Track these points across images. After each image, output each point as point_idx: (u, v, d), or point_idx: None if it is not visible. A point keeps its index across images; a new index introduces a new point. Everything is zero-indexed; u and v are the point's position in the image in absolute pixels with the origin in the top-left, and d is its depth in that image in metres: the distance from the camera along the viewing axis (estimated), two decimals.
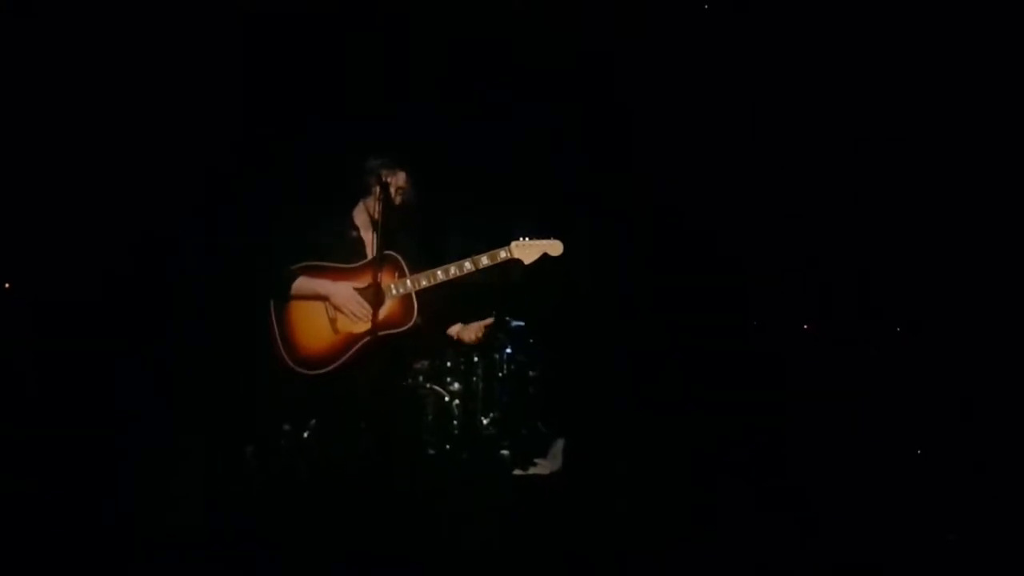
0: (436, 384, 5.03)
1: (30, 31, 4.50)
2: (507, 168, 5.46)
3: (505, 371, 5.31)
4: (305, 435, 4.50)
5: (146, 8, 4.63)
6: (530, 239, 3.10)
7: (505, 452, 5.07)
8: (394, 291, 3.02)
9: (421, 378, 4.79)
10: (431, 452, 4.88)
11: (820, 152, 5.26)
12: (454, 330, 3.32)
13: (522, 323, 5.44)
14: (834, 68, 5.06)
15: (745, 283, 5.46)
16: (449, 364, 5.15)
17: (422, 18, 4.99)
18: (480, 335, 3.26)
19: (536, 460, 5.02)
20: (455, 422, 5.02)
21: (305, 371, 2.97)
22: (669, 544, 3.73)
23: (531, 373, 5.38)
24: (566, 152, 5.48)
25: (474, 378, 5.22)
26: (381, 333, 2.92)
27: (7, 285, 4.59)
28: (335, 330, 2.97)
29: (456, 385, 5.14)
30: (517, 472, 4.91)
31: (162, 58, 4.76)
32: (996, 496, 4.04)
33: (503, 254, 3.08)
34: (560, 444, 5.07)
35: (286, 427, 4.62)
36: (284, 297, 2.99)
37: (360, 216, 3.17)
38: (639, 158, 5.42)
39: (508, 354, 5.31)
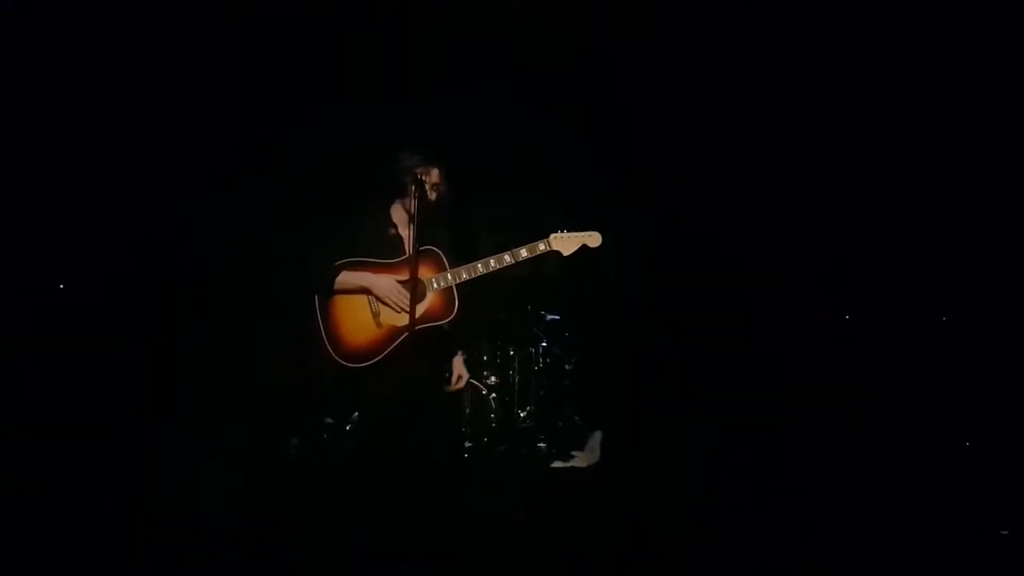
0: (473, 378, 5.06)
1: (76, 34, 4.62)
2: (536, 162, 5.50)
3: (541, 364, 5.34)
4: (347, 428, 4.59)
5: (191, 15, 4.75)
6: (569, 231, 3.09)
7: (542, 445, 5.11)
8: (435, 284, 3.04)
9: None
10: (469, 444, 4.93)
11: (825, 150, 5.26)
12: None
13: (557, 316, 5.47)
14: (836, 67, 5.04)
15: (779, 277, 5.43)
16: (486, 358, 5.20)
17: (424, 19, 5.05)
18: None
19: (574, 453, 5.05)
20: (492, 415, 5.06)
21: (350, 364, 2.97)
22: (703, 535, 3.75)
23: (567, 366, 5.41)
24: (593, 144, 5.51)
25: (511, 371, 5.26)
26: (423, 326, 2.93)
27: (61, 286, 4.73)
28: (378, 324, 2.99)
29: (493, 378, 5.19)
30: (556, 464, 4.94)
31: (194, 63, 4.89)
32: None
33: (542, 246, 3.08)
34: (598, 437, 5.08)
35: (328, 420, 4.72)
36: (328, 292, 3.01)
37: (397, 213, 3.18)
38: (672, 150, 5.41)
39: (544, 347, 5.35)
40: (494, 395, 5.12)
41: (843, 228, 5.29)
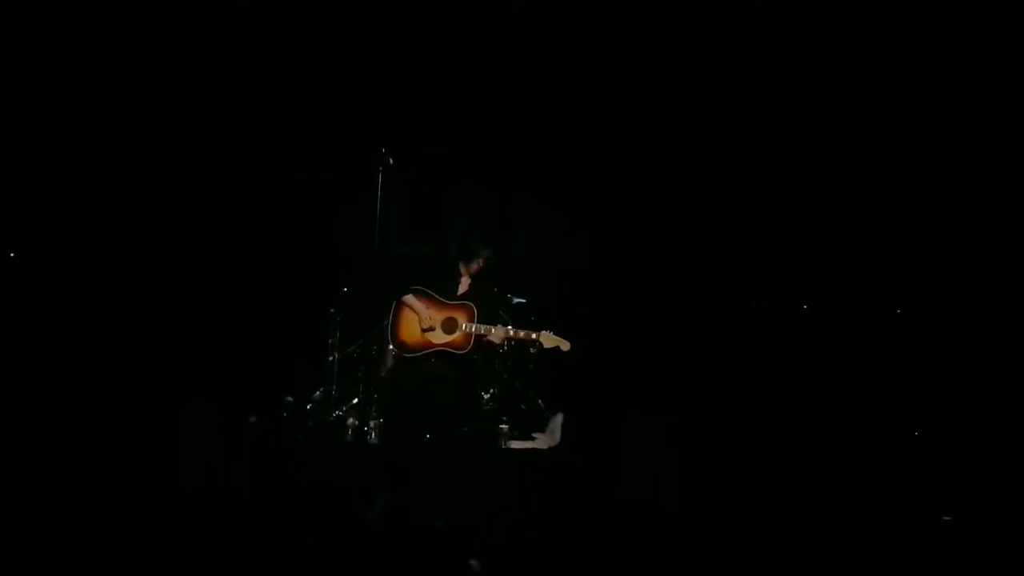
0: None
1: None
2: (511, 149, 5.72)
3: (505, 348, 5.37)
4: (308, 407, 4.62)
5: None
6: (553, 334, 4.22)
7: (504, 427, 5.16)
8: (463, 327, 4.24)
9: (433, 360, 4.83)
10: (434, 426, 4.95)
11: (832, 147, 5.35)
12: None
13: (523, 300, 5.51)
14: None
15: (747, 264, 5.52)
16: None
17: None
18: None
19: (535, 435, 5.10)
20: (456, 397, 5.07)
21: (400, 352, 4.32)
22: (666, 518, 3.84)
23: (531, 350, 5.44)
24: (569, 134, 5.60)
25: (475, 355, 5.28)
26: (446, 349, 4.27)
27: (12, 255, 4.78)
28: (422, 336, 4.30)
29: None
30: (516, 446, 4.99)
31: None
32: None
33: (534, 335, 4.28)
34: (559, 419, 5.14)
35: (289, 399, 4.75)
36: (399, 301, 4.34)
37: (462, 269, 4.41)
38: (641, 142, 5.48)
39: None
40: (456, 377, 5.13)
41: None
